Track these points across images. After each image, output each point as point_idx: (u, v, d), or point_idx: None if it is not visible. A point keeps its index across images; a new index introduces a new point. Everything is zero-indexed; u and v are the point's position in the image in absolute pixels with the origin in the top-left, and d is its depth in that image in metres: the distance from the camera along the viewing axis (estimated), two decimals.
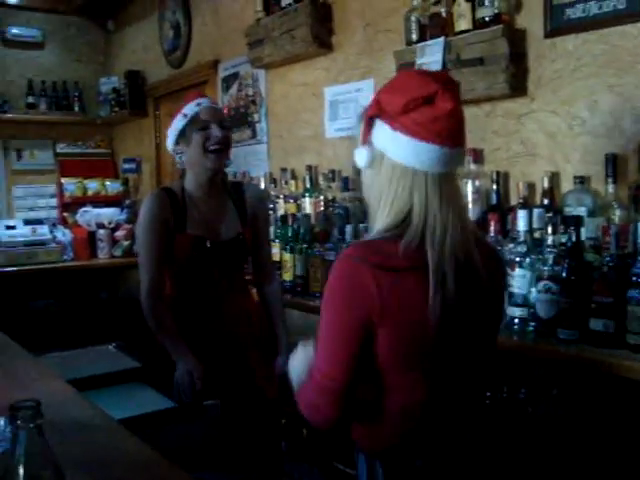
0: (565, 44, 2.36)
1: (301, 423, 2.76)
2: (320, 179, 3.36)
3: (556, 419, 1.84)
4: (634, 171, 2.14)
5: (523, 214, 2.11)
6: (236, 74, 4.18)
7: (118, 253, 5.40)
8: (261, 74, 3.94)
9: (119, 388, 2.03)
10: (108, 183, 5.74)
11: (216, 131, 2.17)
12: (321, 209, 3.16)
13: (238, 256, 2.31)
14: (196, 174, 2.23)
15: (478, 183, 2.51)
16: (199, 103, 2.23)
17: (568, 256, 1.95)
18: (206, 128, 2.18)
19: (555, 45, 2.39)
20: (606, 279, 1.85)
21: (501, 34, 2.40)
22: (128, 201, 5.61)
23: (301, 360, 1.38)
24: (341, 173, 3.23)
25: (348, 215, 2.98)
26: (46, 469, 0.73)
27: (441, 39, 2.59)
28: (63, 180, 5.66)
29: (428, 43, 2.65)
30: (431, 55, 2.62)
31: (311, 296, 2.84)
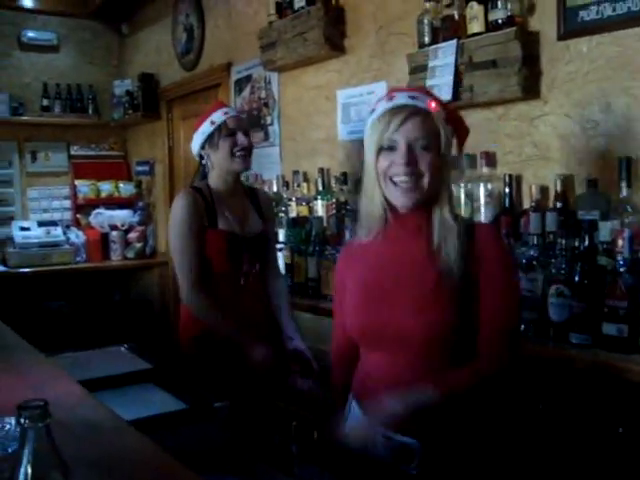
0: (579, 46, 2.34)
1: (312, 426, 2.76)
2: (332, 182, 3.35)
3: (567, 424, 1.83)
4: None
5: (535, 217, 2.10)
6: (249, 77, 4.19)
7: (131, 255, 5.43)
8: (274, 77, 3.95)
9: (130, 389, 2.03)
10: (121, 185, 5.78)
11: (242, 138, 2.41)
12: (333, 212, 3.15)
13: (262, 251, 2.50)
14: (222, 175, 2.44)
15: (490, 186, 2.50)
16: (226, 112, 2.45)
17: (581, 260, 1.94)
18: (233, 135, 2.41)
19: (568, 47, 2.37)
20: (619, 283, 1.84)
21: (514, 36, 2.39)
22: (141, 203, 5.65)
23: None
24: (353, 176, 3.22)
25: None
26: (54, 469, 0.73)
27: (453, 42, 2.58)
28: (77, 182, 5.70)
29: (440, 46, 2.64)
30: (443, 58, 2.62)
31: (323, 298, 2.84)
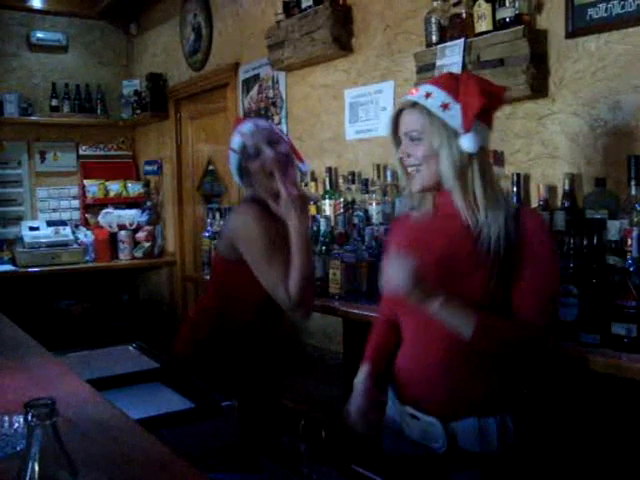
0: (587, 44, 2.33)
1: (320, 424, 2.76)
2: (340, 181, 3.35)
3: (576, 423, 1.83)
4: None
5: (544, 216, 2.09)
6: (256, 76, 4.19)
7: (139, 254, 5.45)
8: (281, 76, 3.95)
9: (138, 388, 2.04)
10: (130, 185, 5.80)
11: (269, 152, 2.12)
12: (340, 211, 3.15)
13: None
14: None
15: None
16: (240, 132, 2.18)
17: (589, 259, 1.93)
18: (258, 153, 2.13)
19: (577, 45, 2.36)
20: (628, 282, 1.83)
21: (522, 35, 2.38)
22: (149, 203, 5.66)
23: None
24: (361, 175, 3.22)
25: (368, 217, 2.97)
26: (61, 467, 0.73)
27: (461, 40, 2.57)
28: (85, 182, 5.72)
29: (448, 44, 2.64)
30: (451, 56, 2.61)
31: (330, 298, 2.84)
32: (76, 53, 5.85)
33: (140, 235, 5.50)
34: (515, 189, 2.44)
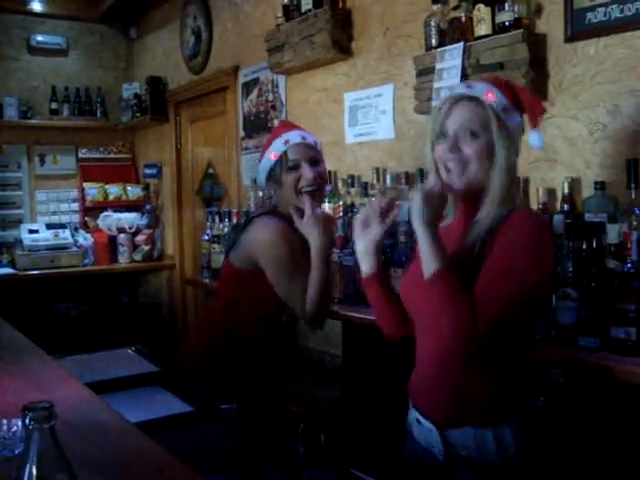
0: (586, 48, 2.34)
1: (319, 428, 2.76)
2: (340, 184, 3.35)
3: (575, 427, 1.82)
4: None
5: None
6: (256, 80, 4.19)
7: (138, 257, 5.45)
8: (281, 80, 3.95)
9: (137, 391, 2.03)
10: (129, 188, 5.80)
11: (307, 171, 2.09)
12: (340, 214, 3.15)
13: None
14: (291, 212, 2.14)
15: None
16: (287, 141, 2.13)
17: (589, 262, 1.93)
18: (297, 168, 2.10)
19: (576, 49, 2.37)
20: (628, 286, 1.83)
21: (521, 39, 2.39)
22: (149, 206, 5.66)
23: None
24: (360, 178, 3.22)
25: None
26: (59, 470, 0.73)
27: (460, 44, 2.58)
28: (85, 185, 5.73)
29: (447, 48, 2.64)
30: (450, 60, 2.61)
31: (331, 301, 2.83)
32: (76, 56, 5.86)
33: (139, 238, 5.50)
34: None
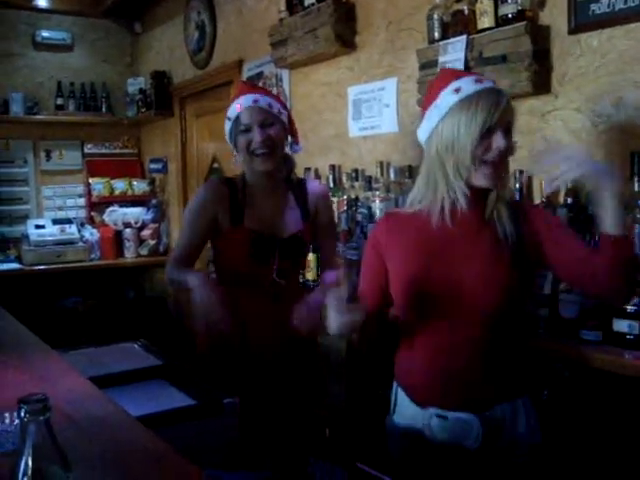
0: (590, 40, 2.32)
1: (324, 422, 2.77)
2: (344, 178, 3.35)
3: (578, 420, 1.82)
4: None
5: None
6: (260, 74, 4.19)
7: (144, 252, 5.47)
8: (285, 74, 3.95)
9: (142, 385, 2.05)
10: (135, 183, 5.81)
11: (257, 134, 2.10)
12: (344, 208, 3.15)
13: (296, 254, 2.24)
14: (251, 174, 2.20)
15: None
16: (240, 104, 2.15)
17: None
18: (248, 131, 2.12)
19: (579, 41, 2.35)
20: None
21: (524, 31, 2.38)
22: (154, 200, 5.67)
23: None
24: (364, 172, 3.22)
25: (371, 214, 2.97)
26: (54, 462, 0.74)
27: (463, 37, 2.57)
28: (91, 180, 5.74)
29: (450, 41, 2.63)
30: (453, 53, 2.60)
31: None
32: (81, 52, 5.86)
33: (145, 233, 5.52)
34: (518, 186, 2.43)
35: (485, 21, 2.52)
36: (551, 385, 1.89)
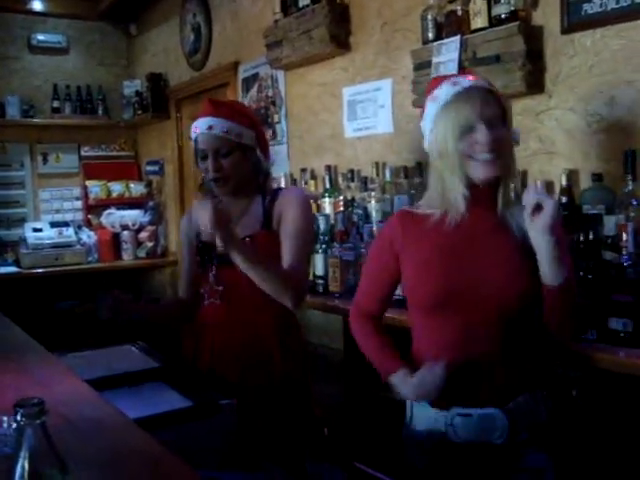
0: (583, 40, 2.34)
1: (322, 422, 2.78)
2: (339, 179, 3.36)
3: (576, 419, 1.83)
4: None
5: None
6: (256, 75, 4.20)
7: (142, 254, 5.47)
8: (280, 75, 3.96)
9: (139, 388, 2.05)
10: (132, 185, 5.81)
11: (211, 164, 2.04)
12: (340, 209, 3.16)
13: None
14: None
15: None
16: (196, 127, 2.09)
17: (586, 254, 1.93)
18: (204, 158, 2.07)
19: (572, 41, 2.36)
20: (624, 278, 1.84)
21: (517, 31, 2.39)
22: (151, 203, 5.67)
23: None
24: (360, 173, 3.23)
25: (367, 215, 2.98)
26: (50, 466, 0.75)
27: (457, 37, 2.58)
28: (88, 183, 5.75)
29: (444, 42, 2.64)
30: (447, 53, 2.61)
31: (331, 296, 2.85)
32: (77, 54, 5.87)
33: (143, 235, 5.52)
34: (513, 185, 2.44)
35: (478, 21, 2.53)
36: (548, 384, 1.90)
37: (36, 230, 5.20)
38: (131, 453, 1.15)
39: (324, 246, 2.92)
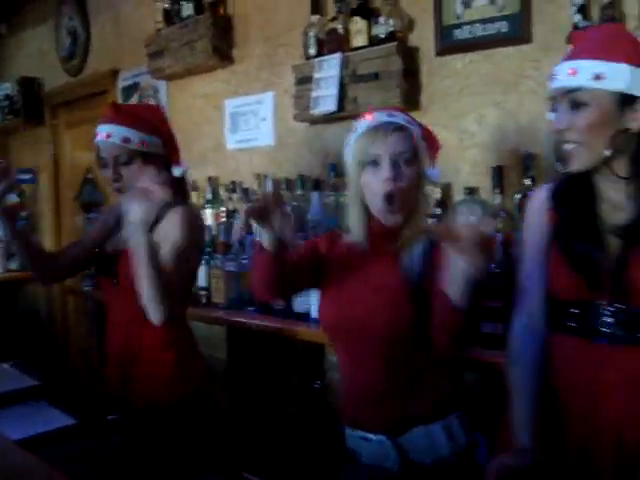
0: (454, 62, 2.49)
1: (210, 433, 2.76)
2: (221, 191, 3.36)
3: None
4: (517, 181, 2.27)
5: None
6: (136, 84, 4.12)
7: (14, 267, 5.21)
8: (162, 85, 3.91)
9: (20, 407, 1.98)
10: None
11: (109, 172, 2.00)
12: (222, 220, 3.16)
13: (113, 268, 2.04)
14: None
15: None
16: (96, 134, 2.03)
17: None
18: (105, 166, 2.02)
19: (445, 63, 2.51)
20: (494, 285, 1.96)
21: (395, 51, 2.51)
22: (24, 213, 5.42)
23: None
24: (242, 184, 3.25)
25: (249, 226, 3.00)
26: None
27: (338, 54, 2.67)
28: None
29: (325, 58, 2.72)
30: (329, 69, 2.70)
31: (214, 307, 2.85)
32: None
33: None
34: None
35: (359, 40, 2.63)
36: None
37: None
38: (20, 476, 1.12)
39: (206, 257, 2.91)
